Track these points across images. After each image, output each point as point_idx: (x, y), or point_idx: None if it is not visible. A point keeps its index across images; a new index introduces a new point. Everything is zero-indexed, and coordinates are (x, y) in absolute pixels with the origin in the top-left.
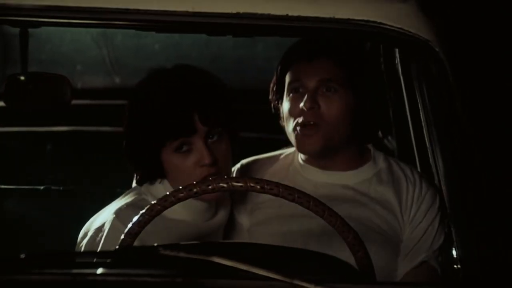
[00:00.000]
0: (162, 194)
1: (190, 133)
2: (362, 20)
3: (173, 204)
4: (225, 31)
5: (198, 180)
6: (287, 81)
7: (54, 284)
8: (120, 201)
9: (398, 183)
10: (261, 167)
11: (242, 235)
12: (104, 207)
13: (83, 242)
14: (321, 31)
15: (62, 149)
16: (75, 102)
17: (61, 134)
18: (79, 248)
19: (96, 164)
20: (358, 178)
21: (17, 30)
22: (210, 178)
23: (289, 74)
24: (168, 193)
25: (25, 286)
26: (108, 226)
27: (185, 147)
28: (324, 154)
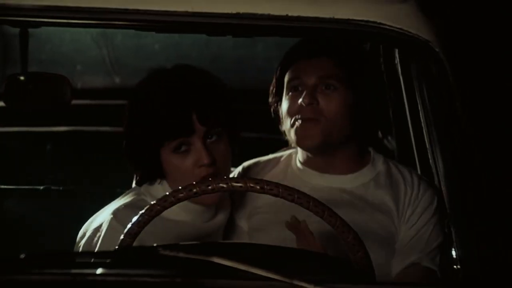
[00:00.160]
0: (161, 195)
1: (188, 133)
2: (362, 20)
3: (172, 204)
4: (225, 31)
5: (197, 180)
6: (286, 80)
7: (54, 284)
8: (119, 201)
9: (396, 187)
10: (261, 170)
11: (242, 238)
12: (104, 207)
13: (82, 242)
14: (321, 31)
15: (62, 149)
16: (75, 102)
17: (61, 134)
18: (78, 248)
19: (96, 164)
20: (356, 182)
21: (17, 30)
22: (210, 179)
23: (288, 73)
24: (167, 193)
25: (25, 286)
26: (105, 226)
27: (183, 147)
28: (322, 151)
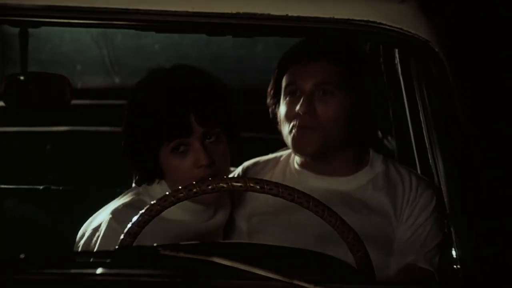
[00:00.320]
0: (160, 195)
1: (187, 134)
2: (362, 20)
3: (172, 204)
4: (225, 31)
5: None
6: (284, 84)
7: (54, 284)
8: (118, 201)
9: (394, 188)
10: (261, 170)
11: (241, 239)
12: (103, 207)
13: (81, 243)
14: (320, 31)
15: (62, 149)
16: (75, 102)
17: (60, 134)
18: (77, 248)
19: (96, 164)
20: (354, 184)
21: (17, 30)
22: (210, 178)
23: (285, 77)
24: (167, 193)
25: (25, 286)
26: (104, 226)
27: (182, 148)
28: (320, 157)
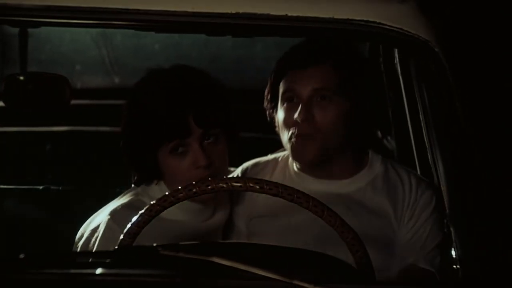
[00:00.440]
0: (158, 195)
1: (185, 135)
2: (362, 20)
3: (172, 204)
4: (224, 31)
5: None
6: (281, 90)
7: (53, 284)
8: (117, 201)
9: (393, 190)
10: (261, 171)
11: (240, 240)
12: (102, 207)
13: (80, 243)
14: (320, 31)
15: (62, 149)
16: (75, 102)
17: (60, 134)
18: (76, 249)
19: (95, 164)
20: (353, 187)
21: (16, 30)
22: (210, 178)
23: (282, 83)
24: (167, 193)
25: (25, 286)
26: (103, 227)
27: (180, 149)
28: (319, 163)
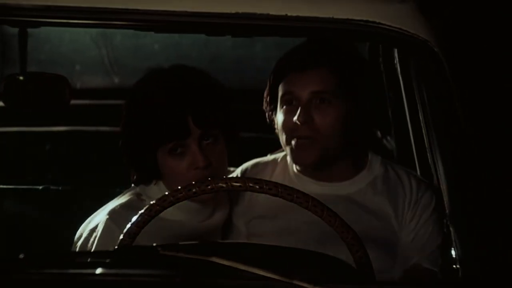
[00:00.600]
0: (157, 195)
1: (184, 135)
2: (361, 20)
3: (172, 204)
4: (224, 31)
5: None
6: (280, 93)
7: (53, 284)
8: (115, 201)
9: (393, 191)
10: (261, 171)
11: (240, 240)
12: (102, 207)
13: (78, 243)
14: (320, 31)
15: (61, 149)
16: (74, 102)
17: (60, 134)
18: (75, 249)
19: (95, 164)
20: (352, 188)
21: (16, 30)
22: (209, 178)
23: (281, 85)
24: (167, 193)
25: (24, 286)
26: (101, 227)
27: (179, 149)
28: (319, 166)
